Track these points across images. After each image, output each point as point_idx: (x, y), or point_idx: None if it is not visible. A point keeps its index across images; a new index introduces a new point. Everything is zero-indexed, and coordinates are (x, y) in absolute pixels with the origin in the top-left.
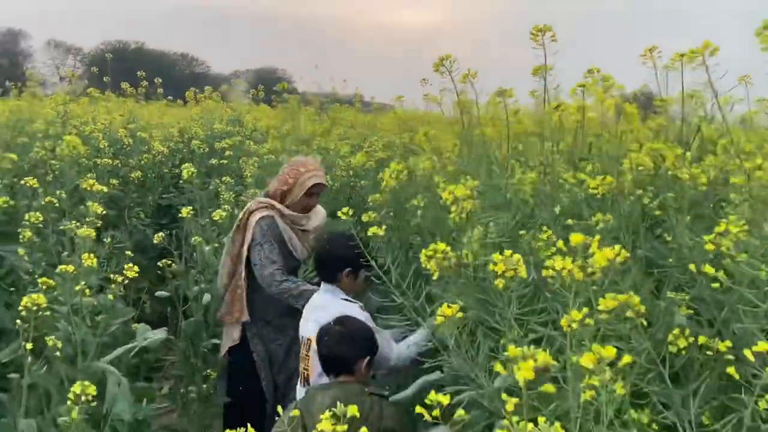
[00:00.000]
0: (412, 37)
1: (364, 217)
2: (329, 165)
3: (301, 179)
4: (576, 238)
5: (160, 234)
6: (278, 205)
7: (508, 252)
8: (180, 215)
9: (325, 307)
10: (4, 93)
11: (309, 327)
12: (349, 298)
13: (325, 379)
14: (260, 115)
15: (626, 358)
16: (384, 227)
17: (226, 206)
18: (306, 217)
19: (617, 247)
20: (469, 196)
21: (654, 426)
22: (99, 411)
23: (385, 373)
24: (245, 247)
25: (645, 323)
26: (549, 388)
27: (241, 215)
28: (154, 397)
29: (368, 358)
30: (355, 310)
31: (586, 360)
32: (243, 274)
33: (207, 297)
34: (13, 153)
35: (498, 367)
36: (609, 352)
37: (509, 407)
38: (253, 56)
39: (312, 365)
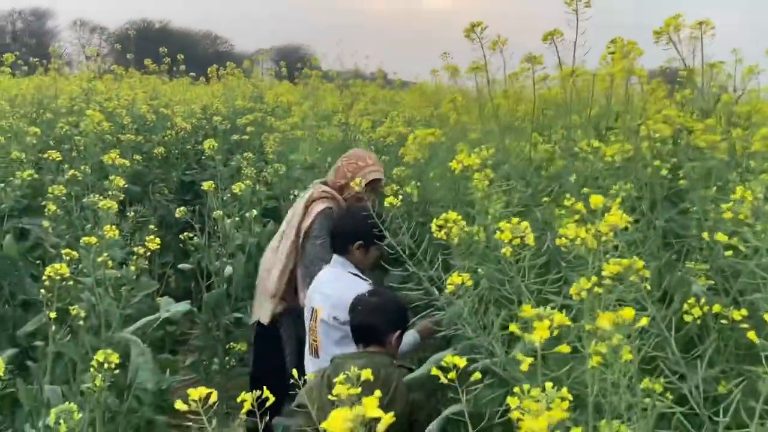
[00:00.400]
0: (433, 17)
1: (387, 190)
2: (351, 140)
3: (358, 174)
4: (596, 199)
5: (183, 208)
6: (339, 197)
7: (515, 220)
8: (204, 191)
9: (332, 280)
10: (30, 71)
11: (316, 298)
12: (359, 274)
13: (336, 349)
14: (282, 91)
15: (644, 320)
16: (400, 198)
17: (248, 181)
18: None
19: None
20: (484, 166)
21: (668, 395)
22: (123, 381)
23: None
24: (302, 233)
25: (649, 288)
26: (564, 348)
27: (302, 200)
28: (177, 368)
29: (399, 331)
30: (362, 286)
31: (604, 320)
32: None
33: (229, 270)
34: (37, 128)
35: (513, 327)
36: (628, 313)
37: (524, 367)
38: (276, 34)
39: (319, 336)
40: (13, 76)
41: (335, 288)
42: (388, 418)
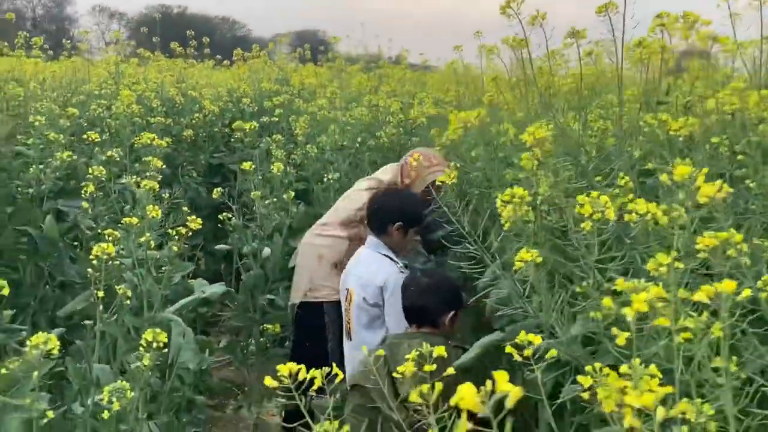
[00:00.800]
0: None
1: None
2: (380, 122)
3: (423, 174)
4: (682, 170)
5: (219, 189)
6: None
7: (594, 193)
8: (232, 173)
9: (364, 261)
10: (54, 55)
11: (349, 280)
12: (391, 256)
13: (365, 332)
14: (307, 74)
15: (746, 291)
16: (453, 174)
17: (279, 164)
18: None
19: (719, 182)
20: (548, 139)
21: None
22: (164, 361)
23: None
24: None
25: (749, 263)
26: (664, 321)
27: (358, 195)
28: (213, 349)
29: (453, 312)
30: (389, 270)
31: (702, 294)
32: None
33: (267, 251)
34: (75, 109)
35: (607, 302)
36: (728, 286)
37: (620, 341)
38: (295, 19)
39: (352, 317)
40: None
41: (366, 269)
42: (517, 392)
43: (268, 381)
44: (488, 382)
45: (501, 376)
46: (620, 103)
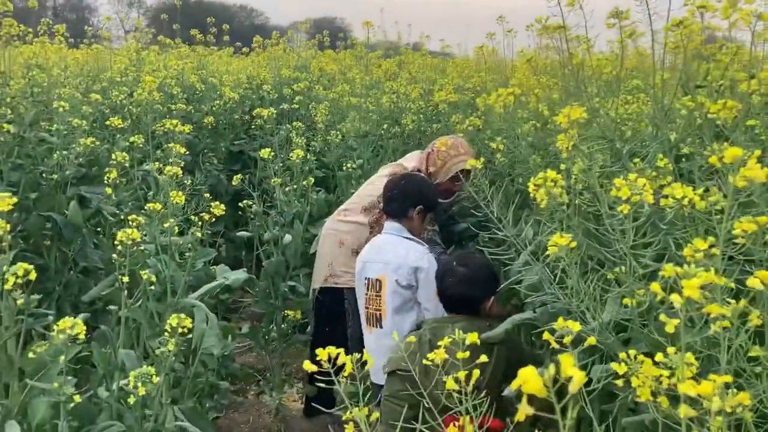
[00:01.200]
0: None
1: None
2: (400, 109)
3: (449, 163)
4: (733, 151)
5: (238, 176)
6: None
7: (632, 176)
8: (252, 160)
9: (389, 245)
10: (76, 42)
11: (374, 268)
12: (414, 238)
13: (396, 317)
14: (326, 60)
15: None
16: (482, 159)
17: (298, 151)
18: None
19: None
20: (582, 121)
21: None
22: (188, 346)
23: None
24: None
25: None
26: (714, 308)
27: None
28: (235, 335)
29: (492, 297)
30: (420, 249)
31: (756, 281)
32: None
33: (288, 238)
34: (98, 95)
35: (655, 286)
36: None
37: (669, 329)
38: (312, 7)
39: (385, 305)
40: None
41: (393, 254)
42: (581, 377)
43: (307, 365)
44: (551, 367)
45: (566, 360)
46: (654, 86)
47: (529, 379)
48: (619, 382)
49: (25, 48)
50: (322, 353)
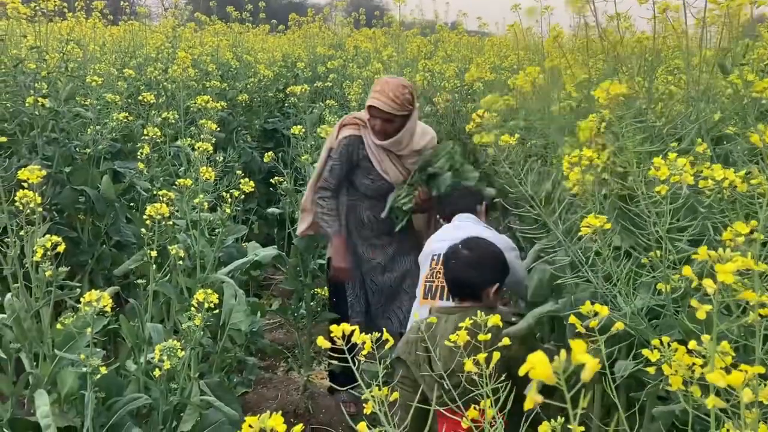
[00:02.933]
0: None
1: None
2: (434, 88)
3: (368, 98)
4: None
5: (270, 153)
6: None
7: (672, 155)
8: (285, 138)
9: (474, 229)
10: (113, 22)
11: (445, 245)
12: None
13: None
14: (361, 38)
15: None
16: (516, 135)
17: (326, 127)
18: (396, 142)
19: None
20: (622, 96)
21: None
22: (216, 322)
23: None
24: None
25: None
26: (750, 295)
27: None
28: (264, 312)
29: (497, 285)
30: (497, 235)
31: None
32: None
33: None
34: (131, 70)
35: (687, 270)
36: None
37: (700, 315)
38: None
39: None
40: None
41: (478, 233)
42: (594, 364)
43: (320, 341)
44: (562, 352)
45: (577, 346)
46: (690, 65)
47: (537, 364)
48: (651, 370)
49: (62, 24)
50: (336, 329)
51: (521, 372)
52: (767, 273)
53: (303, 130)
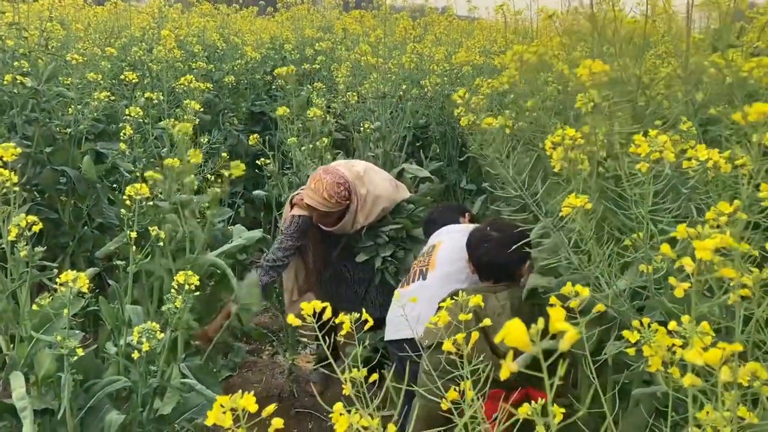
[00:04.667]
0: None
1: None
2: (423, 71)
3: (304, 193)
4: (759, 107)
5: (255, 136)
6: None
7: (653, 132)
8: (273, 121)
9: (457, 229)
10: (100, 2)
11: (438, 237)
12: None
13: (446, 281)
14: (350, 21)
15: None
16: (500, 117)
17: (318, 111)
18: (340, 228)
19: None
20: (606, 72)
21: None
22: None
23: None
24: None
25: None
26: (729, 272)
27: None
28: None
29: (528, 262)
30: None
31: None
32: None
33: None
34: (113, 49)
35: (665, 248)
36: None
37: (678, 293)
38: None
39: (435, 258)
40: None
41: (460, 227)
42: (573, 334)
43: (291, 319)
44: (540, 320)
45: (556, 313)
46: (685, 48)
47: (512, 331)
48: (631, 351)
49: (43, 1)
50: (306, 307)
51: (497, 339)
52: (750, 254)
53: (288, 112)
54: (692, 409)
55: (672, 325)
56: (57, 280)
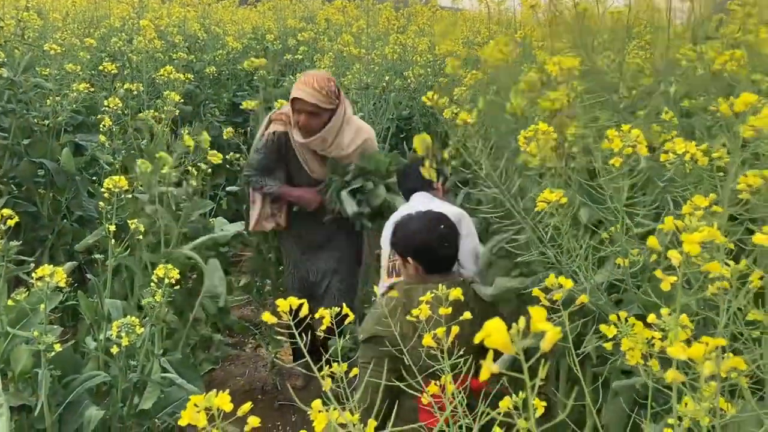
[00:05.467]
0: None
1: (446, 113)
2: (406, 62)
3: (291, 92)
4: (747, 98)
5: (231, 129)
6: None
7: (626, 126)
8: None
9: (423, 205)
10: None
11: None
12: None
13: None
14: (332, 11)
15: None
16: (474, 113)
17: (285, 102)
18: (319, 140)
19: None
20: (577, 67)
21: None
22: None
23: None
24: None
25: None
26: (714, 267)
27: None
28: (232, 289)
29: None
30: (456, 210)
31: (764, 237)
32: None
33: None
34: (93, 40)
35: (652, 240)
36: None
37: (665, 286)
38: None
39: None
40: None
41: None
42: (555, 333)
43: (266, 316)
44: (521, 320)
45: (537, 313)
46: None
47: (493, 332)
48: (608, 346)
49: None
50: (282, 304)
51: (476, 340)
52: (726, 246)
53: (260, 103)
54: (676, 403)
55: (651, 317)
56: (34, 274)
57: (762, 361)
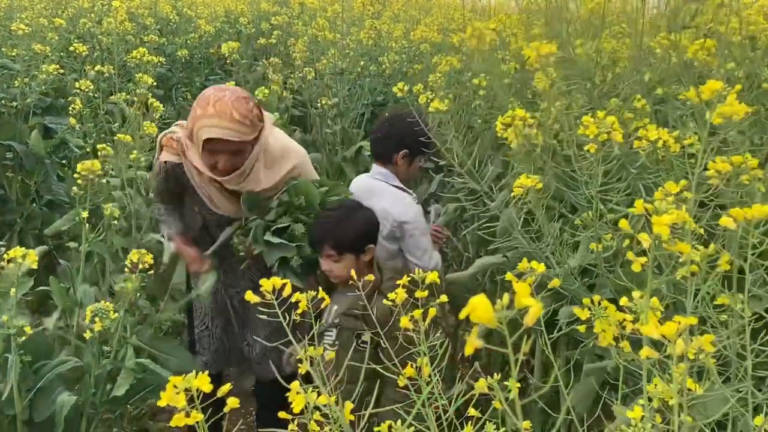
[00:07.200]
0: None
1: (422, 98)
2: (381, 48)
3: (196, 127)
4: (713, 85)
5: None
6: (190, 155)
7: (601, 113)
8: None
9: (378, 194)
10: None
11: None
12: (403, 186)
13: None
14: None
15: (764, 209)
16: (446, 101)
17: (275, 87)
18: (235, 177)
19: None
20: (554, 54)
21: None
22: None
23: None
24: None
25: (763, 189)
26: (684, 248)
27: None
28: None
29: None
30: (407, 199)
31: (729, 220)
32: None
33: None
34: (62, 20)
35: (623, 223)
36: (760, 211)
37: (636, 267)
38: None
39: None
40: None
41: (381, 204)
42: (538, 309)
43: (249, 296)
44: (505, 296)
45: (521, 288)
46: (636, 30)
47: (478, 307)
48: (582, 328)
49: None
50: (266, 284)
51: (462, 315)
52: (696, 230)
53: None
54: (646, 383)
55: (623, 300)
56: (4, 257)
57: (729, 341)
